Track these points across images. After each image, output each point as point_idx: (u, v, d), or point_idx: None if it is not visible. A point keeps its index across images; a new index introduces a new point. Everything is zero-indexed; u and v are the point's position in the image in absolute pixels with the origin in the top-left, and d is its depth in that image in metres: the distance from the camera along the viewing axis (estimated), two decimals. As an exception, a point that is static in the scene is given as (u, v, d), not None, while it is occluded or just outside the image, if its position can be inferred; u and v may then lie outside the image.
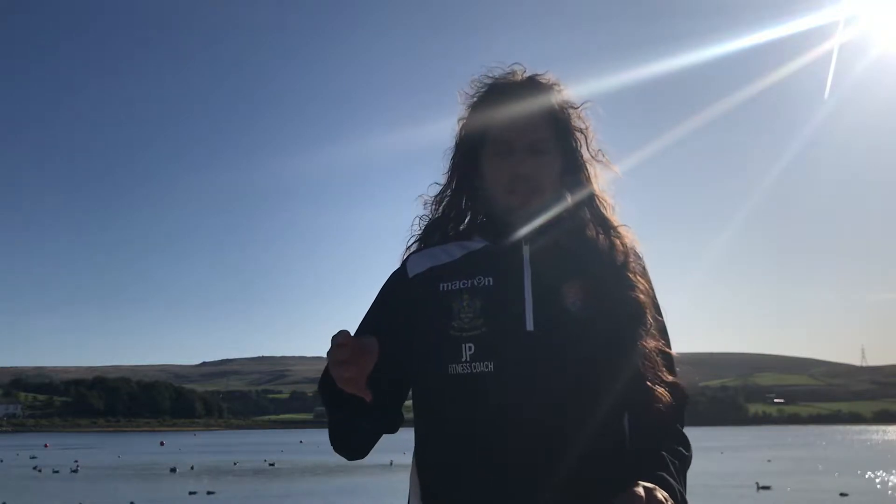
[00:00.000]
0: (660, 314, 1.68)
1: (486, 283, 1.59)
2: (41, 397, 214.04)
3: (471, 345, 1.53)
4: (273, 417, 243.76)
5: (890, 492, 29.71)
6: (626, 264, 1.63)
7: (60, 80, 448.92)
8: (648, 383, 1.55)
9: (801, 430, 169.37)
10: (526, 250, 1.63)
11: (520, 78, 1.70)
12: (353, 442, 1.63)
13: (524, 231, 1.63)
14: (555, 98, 1.68)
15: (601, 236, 1.66)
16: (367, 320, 1.69)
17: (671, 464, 1.50)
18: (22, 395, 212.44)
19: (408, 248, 1.75)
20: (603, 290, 1.59)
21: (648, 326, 1.59)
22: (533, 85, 1.69)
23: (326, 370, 1.47)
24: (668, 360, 1.63)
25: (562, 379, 1.51)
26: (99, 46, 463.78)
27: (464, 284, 1.60)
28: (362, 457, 1.67)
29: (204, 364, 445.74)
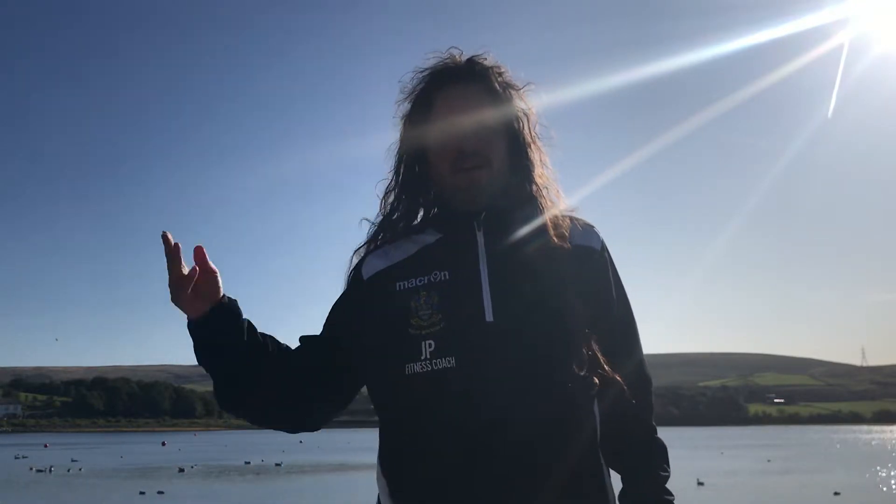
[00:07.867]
0: (626, 303, 1.68)
1: (443, 278, 1.56)
2: (41, 397, 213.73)
3: (431, 341, 1.50)
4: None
5: (885, 487, 30.04)
6: (575, 249, 1.61)
7: (59, 77, 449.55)
8: (615, 372, 1.57)
9: (801, 430, 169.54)
10: (480, 237, 1.60)
11: (459, 61, 1.67)
12: (247, 395, 1.63)
13: (475, 207, 1.60)
14: (496, 79, 1.66)
15: (551, 221, 1.63)
16: (330, 318, 1.71)
17: (662, 477, 1.58)
18: (22, 395, 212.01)
19: (356, 251, 1.71)
20: (558, 274, 1.56)
21: (599, 309, 1.59)
22: (472, 67, 1.66)
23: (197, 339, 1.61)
24: (634, 349, 1.66)
25: (525, 368, 1.48)
26: (93, 45, 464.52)
27: (420, 281, 1.56)
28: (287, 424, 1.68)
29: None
